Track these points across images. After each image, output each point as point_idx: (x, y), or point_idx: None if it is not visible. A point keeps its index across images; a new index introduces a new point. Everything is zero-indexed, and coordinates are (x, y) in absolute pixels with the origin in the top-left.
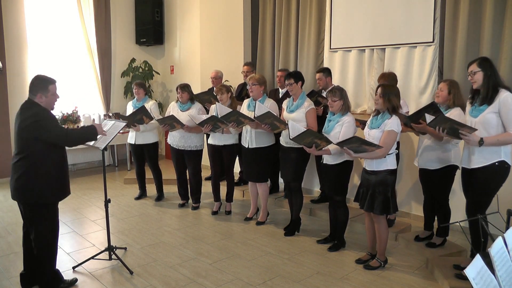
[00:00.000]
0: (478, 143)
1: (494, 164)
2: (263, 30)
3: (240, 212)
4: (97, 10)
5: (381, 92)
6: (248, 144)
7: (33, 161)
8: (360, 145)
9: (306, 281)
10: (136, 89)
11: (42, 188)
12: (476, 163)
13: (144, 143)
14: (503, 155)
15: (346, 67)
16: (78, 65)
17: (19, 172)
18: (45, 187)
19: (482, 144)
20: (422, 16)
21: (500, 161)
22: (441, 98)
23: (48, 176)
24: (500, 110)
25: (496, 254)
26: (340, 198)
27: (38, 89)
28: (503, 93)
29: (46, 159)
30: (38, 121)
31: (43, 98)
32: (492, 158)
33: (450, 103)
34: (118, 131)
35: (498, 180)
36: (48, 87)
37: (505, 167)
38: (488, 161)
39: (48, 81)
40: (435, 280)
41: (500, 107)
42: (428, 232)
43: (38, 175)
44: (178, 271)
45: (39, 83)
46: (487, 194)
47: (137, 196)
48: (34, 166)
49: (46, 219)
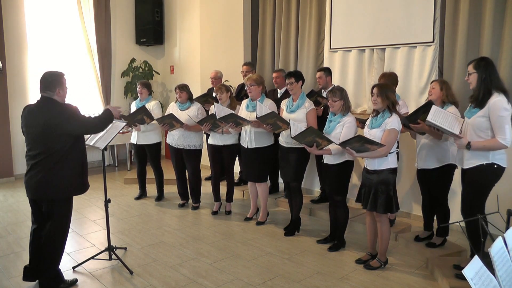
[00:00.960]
0: (465, 146)
1: (482, 165)
2: (263, 30)
3: (240, 212)
4: (97, 10)
5: (377, 91)
6: (247, 144)
7: (58, 158)
8: (362, 145)
9: (306, 281)
10: (140, 88)
11: (66, 184)
12: (467, 163)
13: (146, 143)
14: (491, 157)
15: (346, 67)
16: (78, 65)
17: (44, 170)
18: (69, 182)
19: (470, 148)
20: (422, 16)
21: (488, 163)
22: (434, 95)
23: (72, 171)
24: (489, 115)
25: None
26: (340, 198)
27: (55, 84)
28: (494, 97)
29: (70, 155)
30: (69, 117)
31: (61, 93)
32: (480, 160)
33: (444, 98)
34: (118, 131)
35: (487, 180)
36: (62, 80)
37: (494, 168)
38: (477, 162)
39: (61, 75)
40: (435, 280)
41: (490, 111)
42: (428, 232)
43: (63, 171)
44: (178, 271)
45: (54, 79)
46: (478, 194)
47: (137, 196)
48: (59, 163)
49: (65, 213)
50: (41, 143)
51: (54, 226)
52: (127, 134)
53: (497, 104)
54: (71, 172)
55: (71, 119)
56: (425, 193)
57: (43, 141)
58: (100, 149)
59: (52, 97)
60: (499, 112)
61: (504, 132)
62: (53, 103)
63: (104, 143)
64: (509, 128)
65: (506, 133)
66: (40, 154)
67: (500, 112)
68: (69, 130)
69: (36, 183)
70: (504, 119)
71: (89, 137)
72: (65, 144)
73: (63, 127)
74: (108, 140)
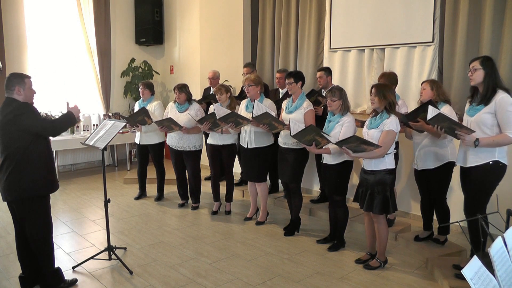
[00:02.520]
0: (473, 143)
1: (488, 164)
2: (263, 30)
3: (240, 212)
4: (97, 10)
5: (375, 91)
6: (247, 144)
7: (20, 156)
8: (359, 145)
9: (306, 281)
10: (142, 89)
11: (33, 182)
12: (471, 162)
13: (149, 144)
14: (497, 155)
15: (346, 67)
16: (77, 65)
17: (8, 170)
18: (35, 179)
19: (478, 145)
20: (421, 16)
21: (494, 160)
22: (425, 95)
23: (37, 169)
24: (496, 111)
25: (495, 254)
26: (340, 198)
27: (15, 83)
28: (500, 94)
29: (32, 153)
30: (23, 113)
31: (21, 92)
32: (486, 158)
33: (436, 98)
34: (117, 131)
35: (493, 179)
36: (24, 80)
37: (499, 166)
38: (482, 160)
39: (23, 76)
40: (434, 280)
41: (497, 108)
42: (427, 232)
43: (27, 169)
44: (178, 271)
45: (14, 78)
46: (483, 193)
47: (137, 196)
48: (21, 161)
49: (39, 213)
50: (3, 142)
51: (33, 227)
52: (126, 134)
53: (505, 99)
54: (36, 169)
55: (26, 114)
56: (424, 193)
57: (3, 138)
58: (100, 149)
59: (12, 96)
60: (507, 107)
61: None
62: (12, 101)
63: (104, 143)
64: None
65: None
66: (3, 153)
67: (508, 107)
68: (24, 125)
69: (3, 186)
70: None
71: (89, 137)
72: (25, 142)
73: (19, 122)
74: (108, 140)
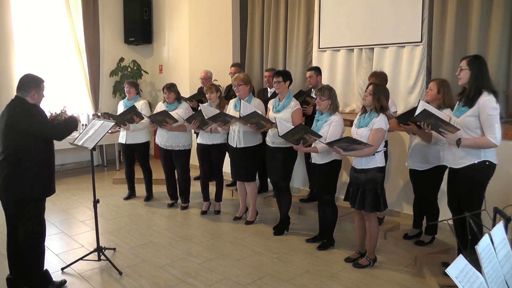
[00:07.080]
0: (456, 142)
1: (474, 164)
2: (251, 30)
3: (229, 211)
4: (85, 9)
5: (371, 90)
6: (236, 143)
7: (19, 156)
8: (350, 144)
9: (295, 280)
10: (128, 87)
11: (30, 184)
12: (459, 163)
13: (135, 143)
14: (483, 156)
15: (335, 67)
16: (66, 64)
17: (5, 170)
18: (33, 182)
19: (460, 144)
20: (410, 16)
21: (482, 160)
22: (429, 96)
23: (34, 172)
24: (479, 114)
25: (482, 252)
26: (329, 197)
27: (31, 86)
28: (484, 96)
29: (32, 155)
30: (32, 115)
31: (36, 96)
32: (473, 159)
33: (440, 103)
34: (106, 131)
35: (481, 179)
36: (40, 85)
37: (486, 165)
38: (469, 161)
39: (40, 80)
40: (423, 277)
41: (479, 110)
42: (416, 230)
43: (24, 171)
44: (167, 271)
45: (31, 81)
46: (474, 193)
47: (126, 196)
48: (20, 162)
49: (33, 216)
50: (5, 141)
51: (26, 229)
52: (115, 134)
53: (487, 103)
54: (34, 172)
55: (34, 117)
56: (417, 192)
57: (6, 137)
58: (89, 149)
59: (25, 98)
60: (488, 111)
61: (493, 131)
62: (22, 102)
63: (93, 143)
64: (499, 127)
65: (496, 132)
66: (3, 152)
67: (490, 111)
68: (30, 128)
69: (1, 183)
70: (494, 117)
71: (78, 137)
72: (29, 143)
73: (25, 124)
74: (97, 140)
